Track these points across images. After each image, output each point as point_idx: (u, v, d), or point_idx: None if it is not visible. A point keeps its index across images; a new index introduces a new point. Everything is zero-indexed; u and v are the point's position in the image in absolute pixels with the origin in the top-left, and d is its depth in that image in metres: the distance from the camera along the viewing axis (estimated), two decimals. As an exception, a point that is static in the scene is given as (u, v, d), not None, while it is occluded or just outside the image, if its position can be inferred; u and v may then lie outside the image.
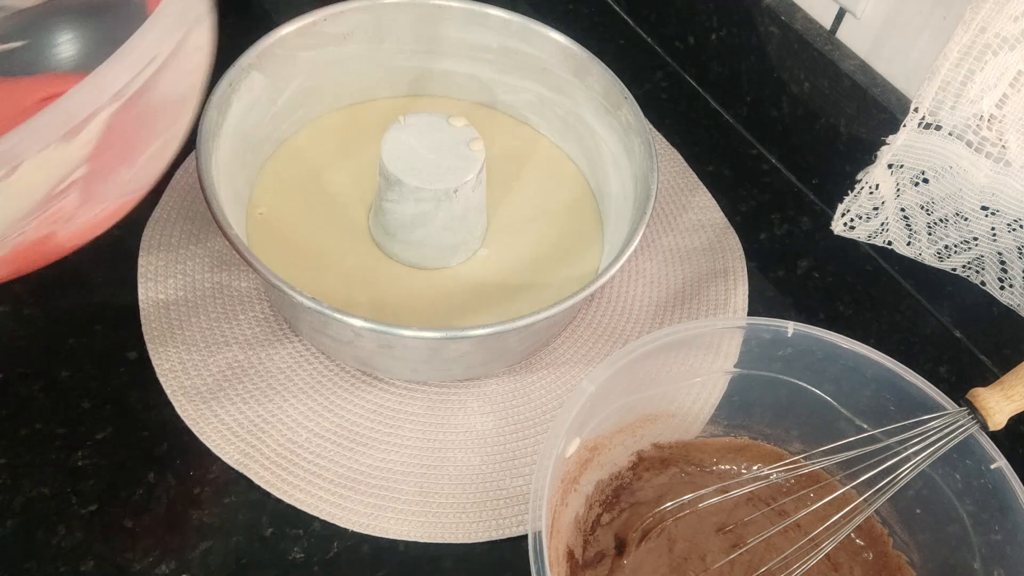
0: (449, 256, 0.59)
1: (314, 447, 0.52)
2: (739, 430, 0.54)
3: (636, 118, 0.58)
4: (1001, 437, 0.45)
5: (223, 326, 0.56)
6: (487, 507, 0.51)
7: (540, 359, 0.58)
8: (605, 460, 0.50)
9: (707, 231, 0.66)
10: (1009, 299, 0.56)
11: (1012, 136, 0.51)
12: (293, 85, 0.61)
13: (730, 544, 0.50)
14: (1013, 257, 0.54)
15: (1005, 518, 0.44)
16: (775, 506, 0.52)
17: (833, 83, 0.63)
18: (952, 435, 0.45)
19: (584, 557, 0.48)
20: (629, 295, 0.62)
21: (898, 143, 0.53)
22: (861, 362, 0.48)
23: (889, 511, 0.50)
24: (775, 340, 0.49)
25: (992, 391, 0.44)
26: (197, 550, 0.48)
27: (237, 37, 0.58)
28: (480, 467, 0.53)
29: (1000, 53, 0.48)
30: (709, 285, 0.63)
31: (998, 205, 0.53)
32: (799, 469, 0.52)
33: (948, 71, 0.50)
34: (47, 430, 0.51)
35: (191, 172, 0.64)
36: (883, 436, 0.47)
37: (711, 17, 0.71)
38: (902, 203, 0.57)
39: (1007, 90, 0.50)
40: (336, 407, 0.54)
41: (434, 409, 0.55)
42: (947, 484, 0.47)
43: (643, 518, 0.50)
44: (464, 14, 0.62)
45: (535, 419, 0.55)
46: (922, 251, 0.58)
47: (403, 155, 0.55)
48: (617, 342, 0.60)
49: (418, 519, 0.50)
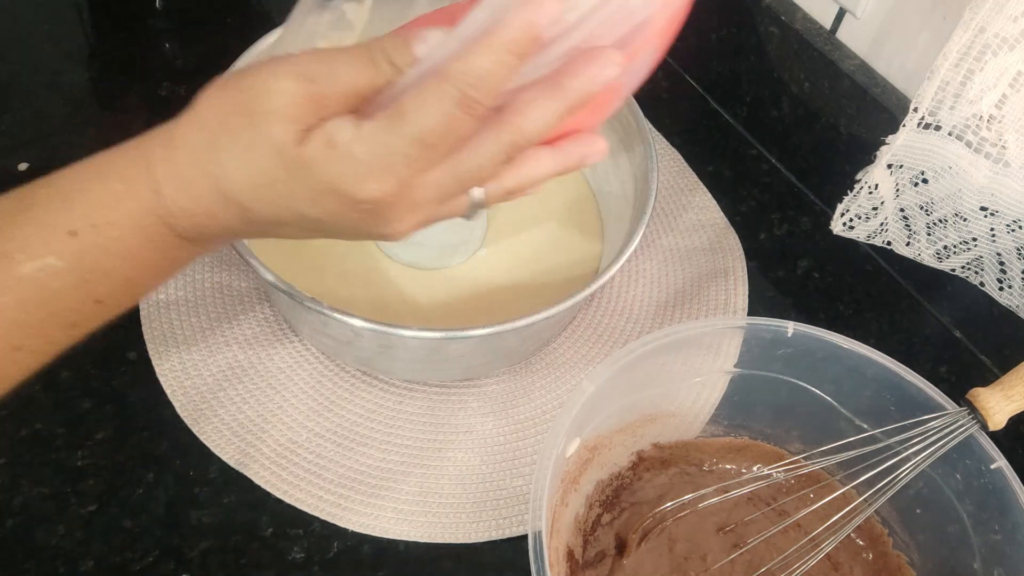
0: (449, 256, 0.59)
1: (314, 447, 0.52)
2: (739, 430, 0.54)
3: (636, 118, 0.58)
4: (1001, 437, 0.45)
5: (223, 326, 0.56)
6: (487, 507, 0.51)
7: (540, 359, 0.58)
8: (605, 460, 0.50)
9: (707, 231, 0.66)
10: (1008, 300, 0.56)
11: (1011, 136, 0.51)
12: (293, 85, 0.61)
13: (730, 544, 0.50)
14: (1012, 258, 0.54)
15: (1005, 518, 0.44)
16: (775, 506, 0.52)
17: (833, 83, 0.63)
18: (952, 435, 0.45)
19: (584, 557, 0.48)
20: (629, 295, 0.62)
21: (897, 143, 0.53)
22: (861, 362, 0.48)
23: (889, 511, 0.50)
24: (775, 340, 0.49)
25: (992, 391, 0.44)
26: (197, 550, 0.48)
27: (237, 37, 0.58)
28: (480, 467, 0.53)
29: (1000, 53, 0.48)
30: (709, 285, 0.63)
31: (997, 206, 0.53)
32: (799, 469, 0.52)
33: (947, 71, 0.50)
34: (47, 430, 0.51)
35: (191, 172, 0.64)
36: (883, 436, 0.47)
37: (711, 17, 0.71)
38: (901, 203, 0.57)
39: (1006, 90, 0.50)
40: (336, 407, 0.54)
41: (434, 409, 0.55)
42: (947, 484, 0.47)
43: (643, 518, 0.50)
44: (464, 14, 0.62)
45: (535, 419, 0.55)
46: (921, 251, 0.58)
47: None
48: (617, 342, 0.59)
49: (418, 519, 0.50)
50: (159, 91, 0.70)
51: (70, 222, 0.31)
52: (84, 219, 0.31)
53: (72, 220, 0.31)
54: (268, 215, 0.33)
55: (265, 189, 0.32)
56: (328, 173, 0.31)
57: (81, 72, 0.72)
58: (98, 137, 0.66)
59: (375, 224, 0.33)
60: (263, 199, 0.32)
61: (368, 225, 0.33)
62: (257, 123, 0.31)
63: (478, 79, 0.29)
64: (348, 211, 0.32)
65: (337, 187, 0.31)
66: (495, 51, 0.29)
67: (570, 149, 0.35)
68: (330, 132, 0.31)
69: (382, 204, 0.32)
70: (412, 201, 0.32)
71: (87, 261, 0.31)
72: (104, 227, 0.31)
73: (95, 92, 0.71)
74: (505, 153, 0.32)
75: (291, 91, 0.30)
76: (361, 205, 0.32)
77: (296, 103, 0.30)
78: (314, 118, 0.31)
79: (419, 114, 0.30)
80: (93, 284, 0.32)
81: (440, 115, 0.30)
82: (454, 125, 0.30)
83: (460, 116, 0.30)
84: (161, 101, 0.70)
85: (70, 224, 0.31)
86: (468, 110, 0.30)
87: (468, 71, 0.29)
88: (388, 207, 0.32)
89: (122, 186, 0.32)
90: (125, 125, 0.68)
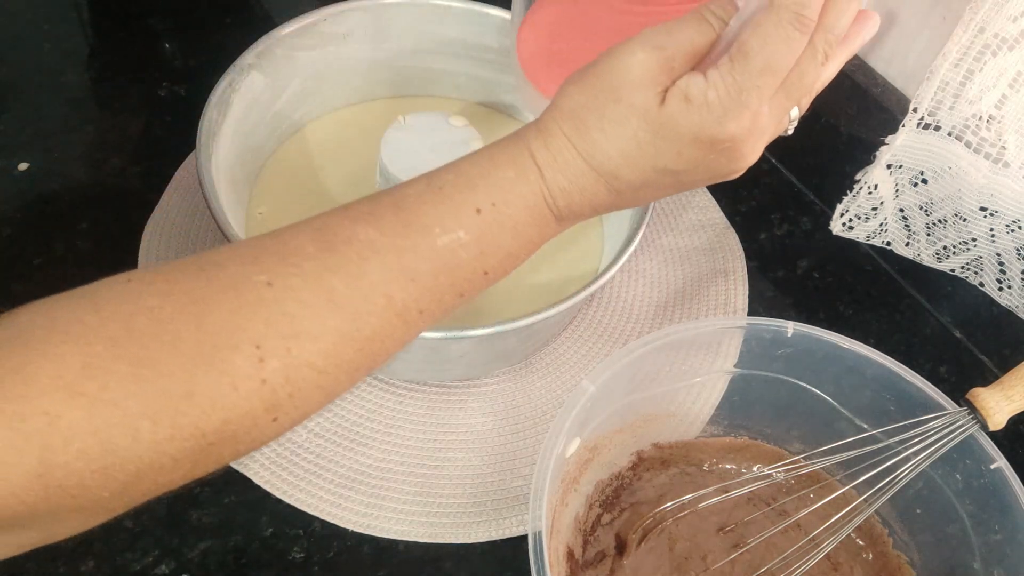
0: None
1: (314, 447, 0.52)
2: (739, 430, 0.54)
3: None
4: (1001, 437, 0.45)
5: (223, 326, 0.56)
6: (487, 507, 0.51)
7: (540, 359, 0.58)
8: (605, 460, 0.50)
9: (707, 231, 0.66)
10: (1007, 300, 0.56)
11: (1011, 137, 0.51)
12: (293, 85, 0.61)
13: (731, 544, 0.50)
14: (1011, 258, 0.54)
15: (1005, 518, 0.44)
16: (775, 506, 0.52)
17: (833, 83, 0.63)
18: (952, 435, 0.45)
19: (584, 557, 0.48)
20: (629, 295, 0.62)
21: (897, 143, 0.53)
22: (861, 362, 0.48)
23: (889, 511, 0.50)
24: (775, 340, 0.49)
25: (992, 391, 0.44)
26: (197, 550, 0.48)
27: (237, 37, 0.58)
28: (480, 467, 0.53)
29: (999, 54, 0.48)
30: (709, 285, 0.63)
31: (996, 206, 0.53)
32: (799, 469, 0.52)
33: (947, 71, 0.50)
34: (47, 430, 0.51)
35: (191, 172, 0.64)
36: (883, 436, 0.47)
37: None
38: (901, 203, 0.57)
39: (1006, 91, 0.50)
40: (336, 407, 0.54)
41: (434, 409, 0.55)
42: (947, 484, 0.47)
43: (643, 518, 0.50)
44: (464, 14, 0.62)
45: (535, 419, 0.55)
46: (921, 252, 0.58)
47: (403, 155, 0.55)
48: (617, 342, 0.60)
49: (418, 519, 0.50)
50: (159, 91, 0.70)
51: (476, 201, 0.36)
52: (487, 199, 0.36)
53: (477, 200, 0.36)
54: (635, 179, 0.37)
55: (635, 153, 0.36)
56: (690, 124, 0.35)
57: (81, 72, 0.72)
58: (98, 137, 0.67)
59: (730, 161, 0.37)
60: (632, 164, 0.36)
61: (723, 164, 0.37)
62: (621, 96, 0.35)
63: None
64: (708, 155, 0.36)
65: (699, 135, 0.35)
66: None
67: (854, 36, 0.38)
68: (684, 87, 0.35)
69: (738, 139, 0.35)
70: (761, 129, 0.36)
71: (487, 235, 0.36)
72: (502, 206, 0.36)
73: (95, 92, 0.71)
74: (824, 57, 0.36)
75: (644, 60, 0.35)
76: (722, 145, 0.35)
77: (651, 69, 0.35)
78: (668, 80, 0.35)
79: (763, 46, 0.33)
80: (487, 256, 0.36)
81: (782, 41, 0.33)
82: (795, 47, 0.34)
83: (798, 36, 0.34)
84: (161, 101, 0.70)
85: (476, 203, 0.36)
86: (804, 28, 0.33)
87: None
88: (742, 141, 0.36)
89: (514, 172, 0.37)
90: (125, 125, 0.68)
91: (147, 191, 0.63)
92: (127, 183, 0.64)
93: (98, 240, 0.60)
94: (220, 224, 0.48)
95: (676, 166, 0.36)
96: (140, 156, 0.66)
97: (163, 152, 0.65)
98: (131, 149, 0.66)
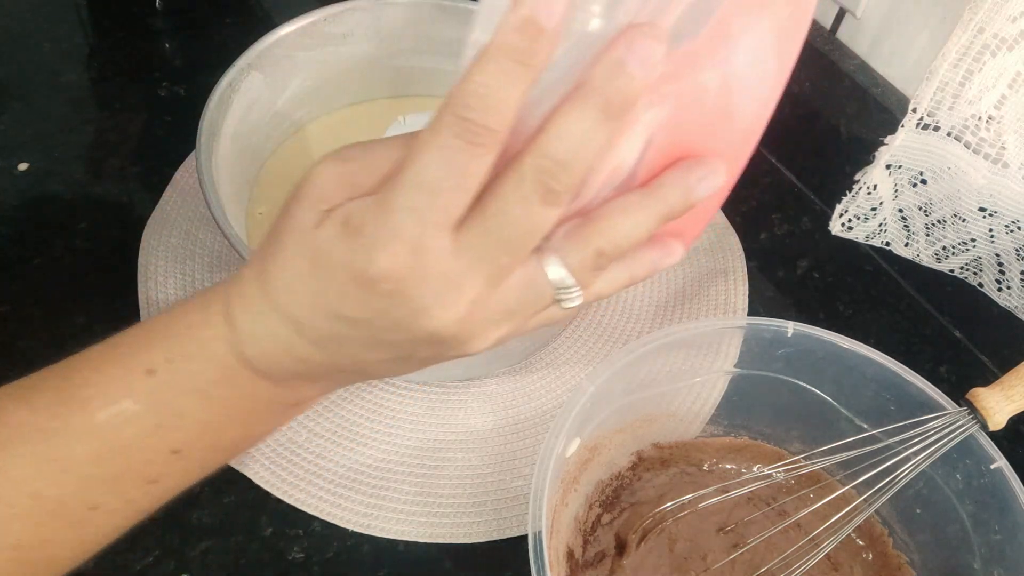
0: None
1: (314, 447, 0.52)
2: (739, 430, 0.54)
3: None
4: (1001, 437, 0.45)
5: (223, 326, 0.56)
6: (487, 507, 0.51)
7: (540, 359, 0.58)
8: (605, 460, 0.50)
9: (707, 231, 0.66)
10: (1007, 301, 0.56)
11: (1010, 137, 0.51)
12: (293, 85, 0.61)
13: (731, 544, 0.50)
14: (1011, 259, 0.54)
15: (1005, 518, 0.44)
16: (775, 506, 0.52)
17: (833, 83, 0.63)
18: (952, 435, 0.45)
19: (584, 557, 0.48)
20: (629, 295, 0.62)
21: (896, 143, 0.53)
22: (861, 362, 0.48)
23: (889, 511, 0.50)
24: (775, 340, 0.49)
25: (992, 391, 0.44)
26: (197, 550, 0.48)
27: (237, 37, 0.58)
28: (480, 467, 0.53)
29: (999, 54, 0.48)
30: (709, 285, 0.63)
31: (996, 206, 0.53)
32: (799, 469, 0.52)
33: (946, 71, 0.50)
34: (47, 430, 0.51)
35: (191, 172, 0.64)
36: (883, 436, 0.47)
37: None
38: (900, 204, 0.57)
39: (1005, 91, 0.50)
40: (335, 406, 0.54)
41: (434, 409, 0.55)
42: (947, 484, 0.47)
43: (643, 518, 0.50)
44: (464, 14, 0.62)
45: (535, 419, 0.55)
46: (920, 252, 0.58)
47: (403, 155, 0.55)
48: (617, 342, 0.60)
49: (418, 519, 0.50)
50: (159, 91, 0.70)
51: (150, 360, 0.29)
52: (162, 355, 0.29)
53: (152, 357, 0.29)
54: (322, 327, 0.28)
55: (301, 289, 0.28)
56: (341, 254, 0.27)
57: (81, 72, 0.72)
58: (98, 137, 0.67)
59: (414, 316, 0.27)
60: (307, 304, 0.28)
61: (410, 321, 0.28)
62: (288, 212, 0.28)
63: (475, 97, 0.24)
64: (379, 302, 0.27)
65: (352, 269, 0.27)
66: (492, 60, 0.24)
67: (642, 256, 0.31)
68: (347, 210, 0.27)
69: (402, 280, 0.26)
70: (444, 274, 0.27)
71: (161, 401, 0.29)
72: (179, 361, 0.29)
73: (95, 92, 0.71)
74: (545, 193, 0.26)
75: (322, 171, 0.28)
76: (381, 286, 0.27)
77: (327, 182, 0.28)
78: (342, 199, 0.27)
79: (417, 157, 0.25)
80: (168, 429, 0.30)
81: (436, 148, 0.25)
82: (455, 158, 0.25)
83: (460, 145, 0.25)
84: (161, 101, 0.70)
85: (149, 362, 0.29)
86: (467, 136, 0.25)
87: (462, 91, 0.24)
88: (413, 285, 0.27)
89: (199, 316, 0.29)
90: (125, 125, 0.68)
91: (147, 191, 0.63)
92: (127, 183, 0.64)
93: (98, 240, 0.60)
94: (220, 224, 0.48)
95: (352, 313, 0.28)
96: (140, 156, 0.66)
97: (163, 152, 0.65)
98: (131, 149, 0.66)
